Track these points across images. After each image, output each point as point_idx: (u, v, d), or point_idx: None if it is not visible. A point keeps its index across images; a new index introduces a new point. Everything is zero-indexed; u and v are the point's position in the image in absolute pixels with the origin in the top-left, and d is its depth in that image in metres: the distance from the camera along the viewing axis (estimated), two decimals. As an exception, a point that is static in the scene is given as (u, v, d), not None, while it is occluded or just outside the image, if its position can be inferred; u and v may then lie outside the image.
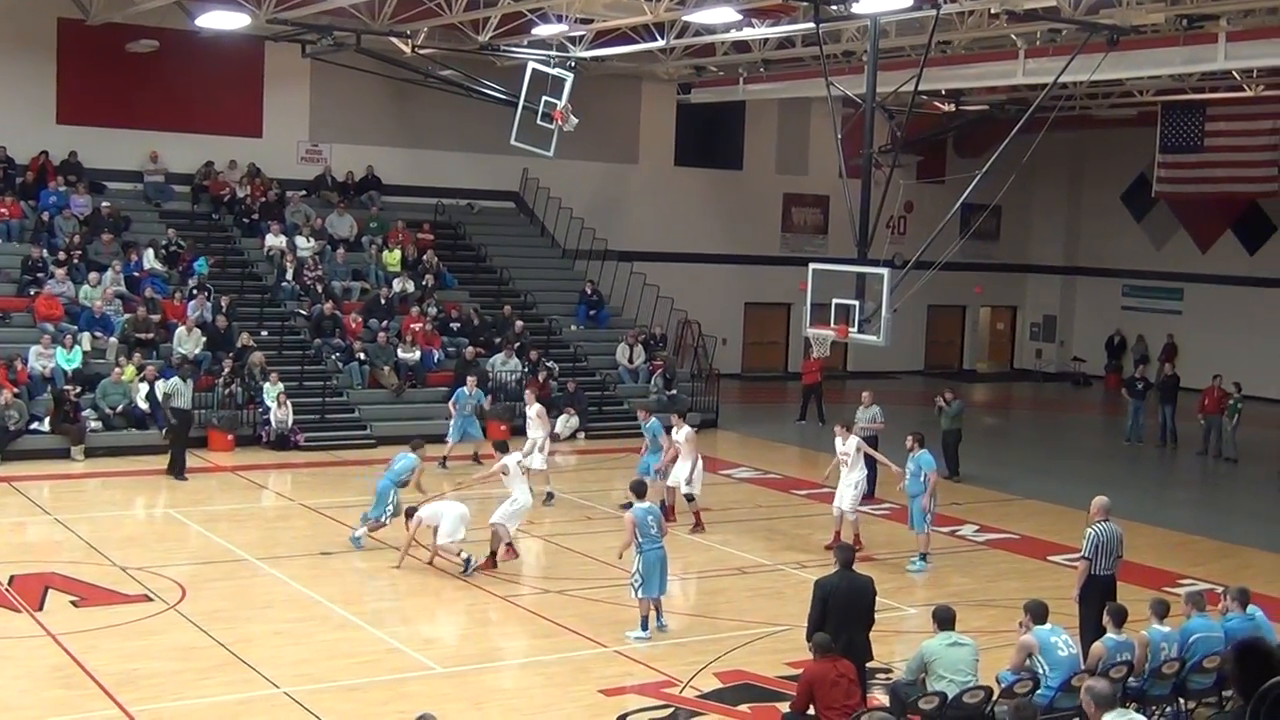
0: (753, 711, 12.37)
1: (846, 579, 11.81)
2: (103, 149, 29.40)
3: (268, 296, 28.57)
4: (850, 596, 11.63)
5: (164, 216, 29.72)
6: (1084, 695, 9.25)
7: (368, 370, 27.07)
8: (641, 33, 27.34)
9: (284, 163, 31.53)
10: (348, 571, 17.04)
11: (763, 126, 37.96)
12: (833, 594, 11.61)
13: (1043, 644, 11.34)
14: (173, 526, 18.24)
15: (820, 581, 11.83)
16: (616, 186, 35.76)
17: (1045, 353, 43.15)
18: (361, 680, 12.92)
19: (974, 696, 10.82)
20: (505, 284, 31.97)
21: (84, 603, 15.09)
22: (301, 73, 31.03)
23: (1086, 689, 9.29)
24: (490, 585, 16.30)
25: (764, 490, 22.83)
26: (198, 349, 25.83)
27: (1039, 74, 25.86)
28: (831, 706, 10.64)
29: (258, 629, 14.44)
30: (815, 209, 39.23)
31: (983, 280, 40.68)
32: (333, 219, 30.80)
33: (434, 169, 33.05)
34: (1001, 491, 23.65)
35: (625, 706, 12.34)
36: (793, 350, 37.47)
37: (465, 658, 13.69)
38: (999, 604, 15.95)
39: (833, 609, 11.51)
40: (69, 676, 12.77)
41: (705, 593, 16.70)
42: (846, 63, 28.90)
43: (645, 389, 29.53)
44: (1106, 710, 8.92)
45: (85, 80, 29.18)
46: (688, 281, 34.86)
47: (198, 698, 12.33)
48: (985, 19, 24.51)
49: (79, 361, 24.66)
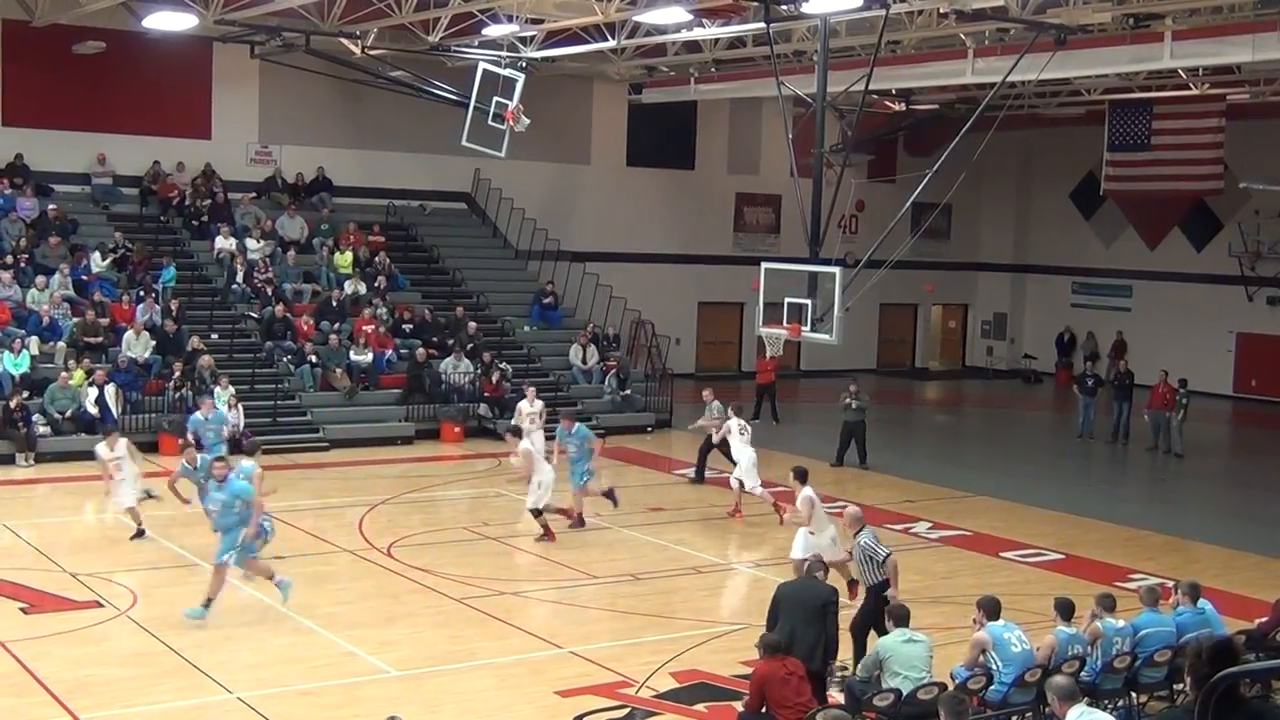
0: (709, 711, 12.39)
1: (803, 583, 11.99)
2: (49, 151, 29.10)
3: (218, 299, 28.36)
4: (801, 597, 11.73)
5: (112, 219, 29.46)
6: (1048, 692, 9.44)
7: (320, 373, 26.92)
8: (592, 33, 27.31)
9: (234, 164, 31.30)
10: (299, 576, 16.84)
11: (714, 126, 38.01)
12: (785, 596, 11.79)
13: (996, 640, 11.41)
14: (123, 532, 18.06)
15: (779, 585, 12.03)
16: (568, 187, 35.73)
17: (996, 350, 43.43)
18: (316, 684, 12.85)
19: (928, 693, 10.86)
20: (458, 285, 31.87)
21: (33, 609, 14.96)
22: (250, 74, 30.81)
23: (1048, 685, 9.47)
24: (445, 588, 16.25)
25: (718, 490, 22.87)
26: (147, 353, 25.61)
27: (988, 73, 26.03)
28: (784, 705, 10.67)
29: (210, 634, 14.31)
30: (767, 208, 39.33)
31: (934, 279, 40.90)
32: (283, 221, 30.61)
33: (385, 170, 32.90)
34: (954, 489, 23.79)
35: (582, 707, 12.33)
36: (746, 349, 37.55)
37: (420, 660, 13.64)
38: (953, 600, 16.04)
39: (784, 611, 11.67)
40: (19, 684, 12.63)
41: (661, 592, 16.70)
42: (797, 62, 28.99)
43: (599, 389, 29.53)
44: (1070, 704, 9.05)
45: (31, 82, 28.83)
46: (641, 282, 34.85)
47: (151, 704, 12.23)
48: (934, 19, 24.63)
49: (27, 366, 24.40)
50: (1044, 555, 18.92)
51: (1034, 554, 18.97)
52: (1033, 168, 42.20)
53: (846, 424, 25.47)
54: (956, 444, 31.27)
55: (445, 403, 27.42)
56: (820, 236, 22.30)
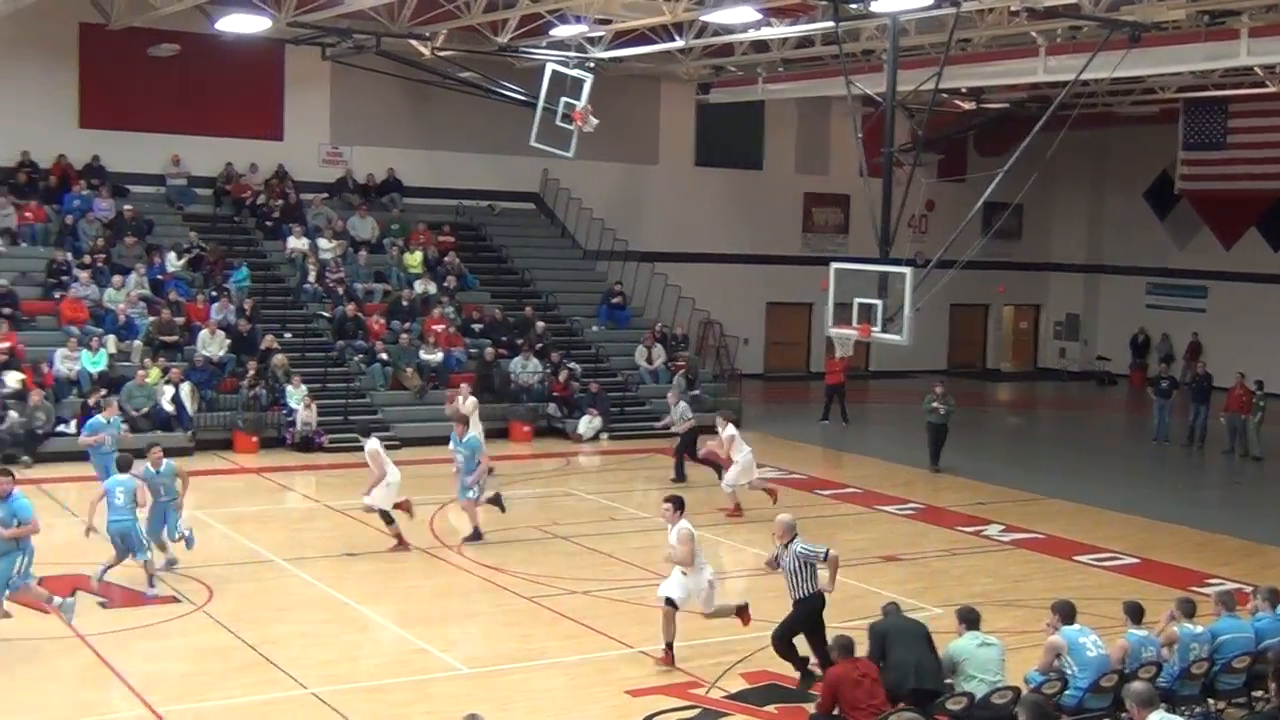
0: (780, 712, 12.35)
1: (897, 620, 11.92)
2: (125, 152, 29.53)
3: (290, 299, 28.66)
4: (908, 629, 11.70)
5: (187, 219, 29.84)
6: (1125, 697, 9.39)
7: (390, 372, 27.12)
8: (660, 33, 27.32)
9: (305, 165, 31.63)
10: (373, 573, 17.07)
11: (783, 126, 37.90)
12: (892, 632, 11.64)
13: (1071, 644, 11.29)
14: (199, 528, 18.27)
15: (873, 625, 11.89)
16: (636, 187, 35.76)
17: (1069, 351, 42.99)
18: (387, 681, 12.96)
19: (1002, 697, 10.78)
20: (526, 285, 32.00)
21: (112, 604, 15.17)
22: (322, 75, 31.11)
23: (1126, 691, 9.43)
24: (516, 586, 16.31)
25: (788, 490, 22.79)
26: (221, 351, 25.94)
27: (1060, 71, 25.77)
28: (857, 707, 10.64)
29: (284, 630, 14.48)
30: (836, 208, 39.16)
31: (1005, 279, 40.48)
32: (354, 221, 30.88)
33: (454, 170, 33.11)
34: (1026, 491, 23.56)
35: (652, 707, 12.33)
36: (815, 350, 37.41)
37: (491, 658, 13.69)
38: (1025, 604, 15.89)
39: (898, 643, 11.47)
40: (98, 677, 12.85)
41: (732, 594, 16.65)
42: (866, 61, 28.85)
43: (667, 389, 29.45)
44: (1149, 710, 8.97)
45: (107, 84, 29.31)
46: (709, 282, 34.84)
47: (224, 698, 12.38)
48: (1005, 16, 24.43)
49: (104, 364, 24.76)
50: (1118, 559, 18.68)
51: (1108, 558, 18.74)
52: (1106, 167, 41.68)
53: (931, 425, 25.20)
54: (1029, 446, 30.97)
55: (514, 402, 27.54)
56: (890, 236, 22.16)
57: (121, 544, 15.39)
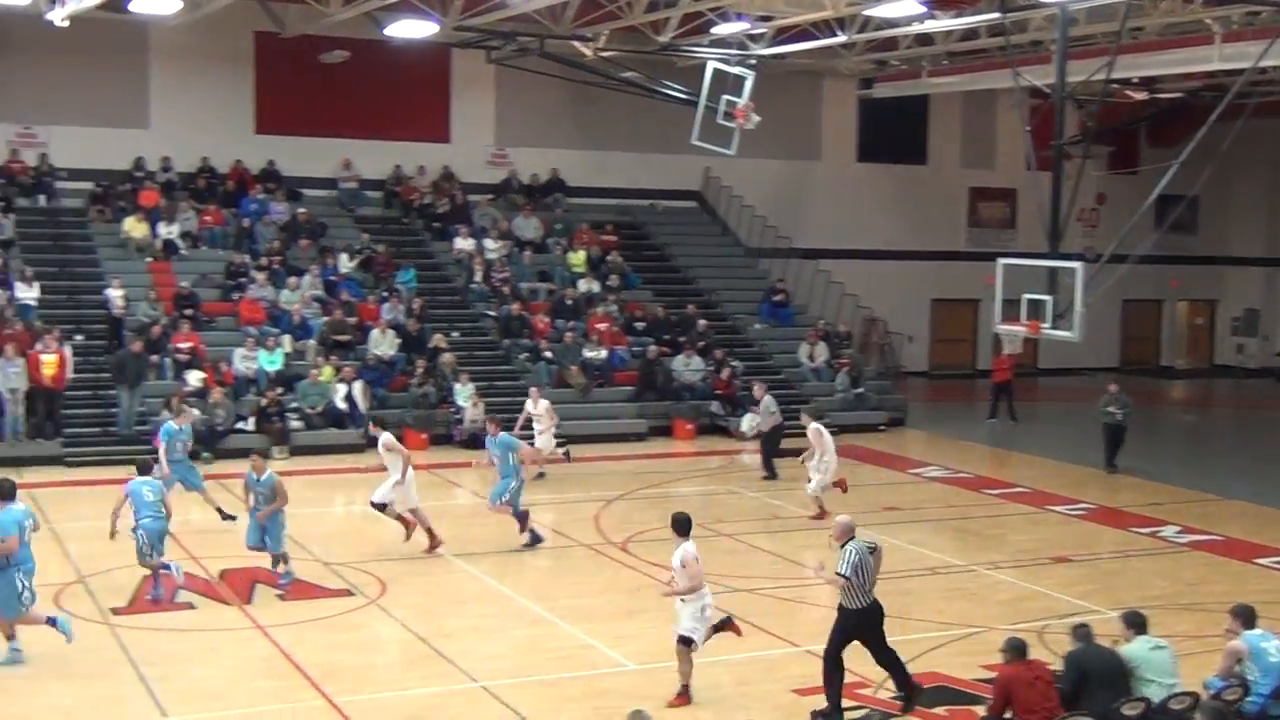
0: (949, 714, 12.20)
1: (1093, 650, 11.12)
2: (298, 157, 30.43)
3: (458, 298, 29.18)
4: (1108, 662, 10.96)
5: (358, 222, 30.61)
6: None
7: (555, 370, 27.43)
8: (822, 28, 27.14)
9: (472, 167, 32.18)
10: (539, 569, 17.33)
11: (947, 120, 37.39)
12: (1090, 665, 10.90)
13: (1252, 649, 10.95)
14: (371, 523, 18.71)
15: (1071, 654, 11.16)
16: (798, 183, 35.60)
17: (1247, 348, 41.59)
18: (557, 675, 13.13)
19: (1180, 703, 10.51)
20: (689, 283, 32.09)
21: (289, 596, 15.62)
22: (487, 78, 31.62)
23: None
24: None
25: (955, 490, 22.50)
26: (392, 350, 26.53)
27: (1237, 59, 24.94)
28: (1031, 709, 10.47)
29: (455, 624, 14.77)
30: (1002, 203, 38.50)
31: (1180, 274, 39.44)
32: (519, 221, 31.32)
33: (616, 170, 33.37)
34: (1203, 492, 22.89)
35: (818, 706, 12.27)
36: (981, 347, 36.83)
37: (658, 655, 13.72)
38: (1203, 608, 15.45)
39: (1097, 682, 10.77)
40: (277, 668, 13.25)
41: (897, 593, 16.46)
42: (1034, 52, 28.26)
43: (830, 387, 29.32)
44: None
45: (281, 91, 30.25)
46: (872, 278, 34.52)
47: (400, 690, 12.68)
48: (1179, 3, 23.78)
49: (281, 363, 25.51)
50: (1302, 563, 18.07)
51: (1291, 561, 18.13)
52: (1286, 157, 40.24)
53: (1108, 426, 24.52)
54: (1206, 445, 30.08)
55: (677, 400, 27.65)
56: (1060, 231, 21.73)
57: (159, 543, 15.16)
